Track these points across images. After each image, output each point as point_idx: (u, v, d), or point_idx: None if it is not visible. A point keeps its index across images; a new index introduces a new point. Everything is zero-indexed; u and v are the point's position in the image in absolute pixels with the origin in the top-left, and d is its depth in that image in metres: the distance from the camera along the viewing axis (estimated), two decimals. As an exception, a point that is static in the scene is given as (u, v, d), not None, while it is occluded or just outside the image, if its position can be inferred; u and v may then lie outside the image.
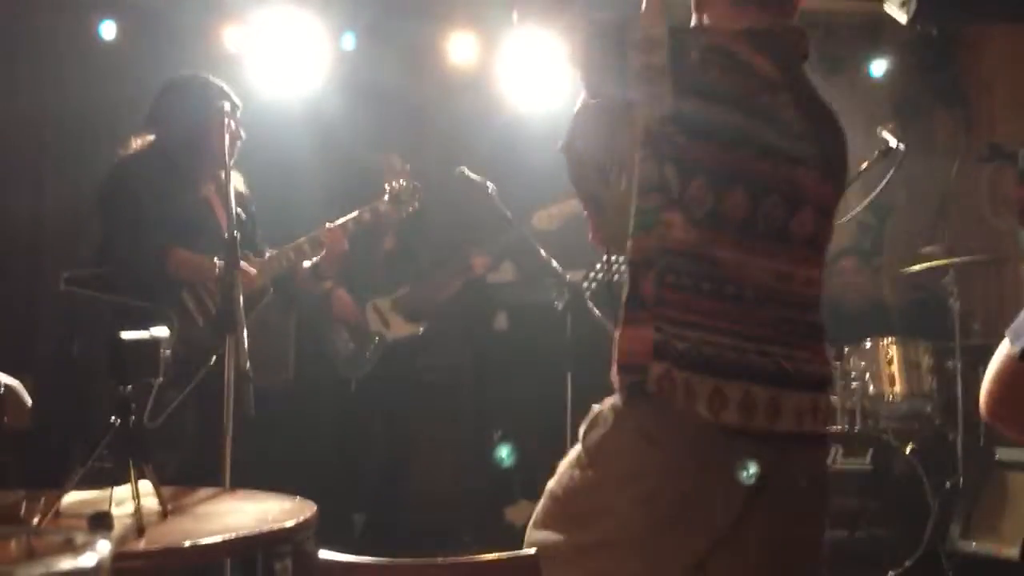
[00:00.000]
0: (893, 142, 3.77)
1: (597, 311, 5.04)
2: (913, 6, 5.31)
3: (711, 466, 2.35)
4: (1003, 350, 1.96)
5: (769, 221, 2.33)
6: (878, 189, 3.81)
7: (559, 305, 4.79)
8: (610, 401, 2.48)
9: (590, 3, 2.46)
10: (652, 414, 2.39)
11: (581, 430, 2.52)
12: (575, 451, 2.52)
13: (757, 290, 2.35)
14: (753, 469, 2.44)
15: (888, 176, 3.76)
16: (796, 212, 2.36)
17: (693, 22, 2.54)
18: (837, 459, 5.16)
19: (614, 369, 2.45)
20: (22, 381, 3.56)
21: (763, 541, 2.40)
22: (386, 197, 4.84)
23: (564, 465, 2.53)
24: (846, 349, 5.41)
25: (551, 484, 2.54)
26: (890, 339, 5.42)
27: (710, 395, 2.32)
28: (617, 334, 2.45)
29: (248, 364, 3.35)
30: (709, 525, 2.37)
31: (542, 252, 4.90)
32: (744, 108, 2.34)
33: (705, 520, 2.38)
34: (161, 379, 2.63)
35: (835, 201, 2.49)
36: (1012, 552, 4.84)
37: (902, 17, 5.45)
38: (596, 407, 2.52)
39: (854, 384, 5.31)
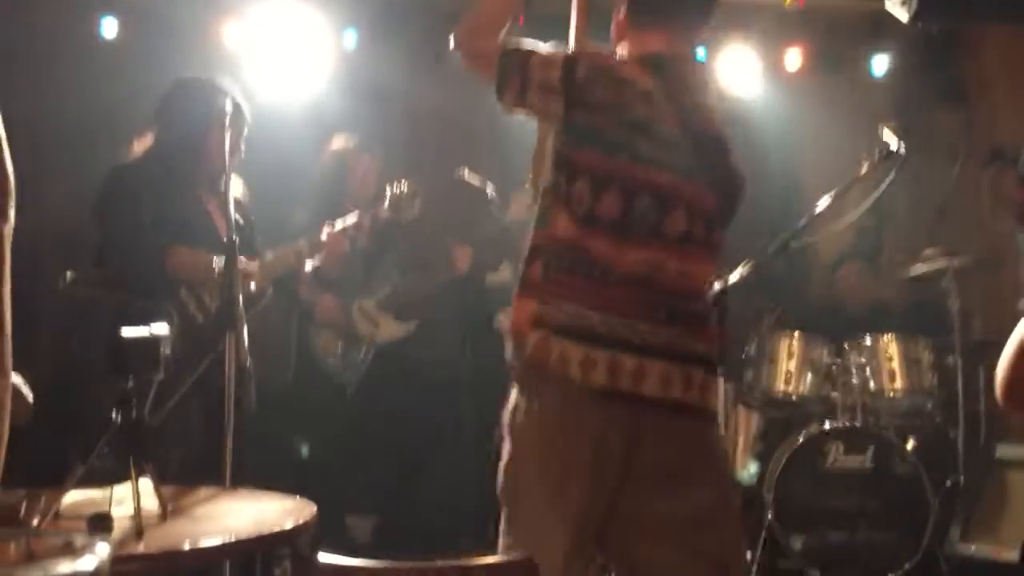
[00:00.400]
0: (894, 144, 3.76)
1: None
2: (914, 5, 5.31)
3: (585, 426, 2.66)
4: (1019, 331, 1.97)
5: (641, 219, 2.69)
6: (878, 192, 3.80)
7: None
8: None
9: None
10: (535, 380, 2.73)
11: None
12: None
13: (628, 276, 2.70)
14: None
15: (888, 179, 3.75)
16: (668, 213, 2.72)
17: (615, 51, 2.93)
18: (838, 456, 5.16)
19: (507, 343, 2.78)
20: (23, 378, 3.56)
21: (646, 502, 2.70)
22: (386, 204, 4.79)
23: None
24: (845, 345, 5.40)
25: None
26: (890, 336, 5.41)
27: (581, 360, 2.65)
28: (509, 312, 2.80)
29: (249, 360, 3.35)
30: (593, 484, 2.67)
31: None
32: (622, 121, 2.70)
33: (590, 479, 2.67)
34: (161, 376, 2.63)
35: (720, 211, 2.83)
36: (1011, 555, 4.84)
37: (903, 16, 5.45)
38: None
39: (854, 380, 5.30)
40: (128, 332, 2.59)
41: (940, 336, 5.44)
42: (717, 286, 3.51)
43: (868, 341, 5.40)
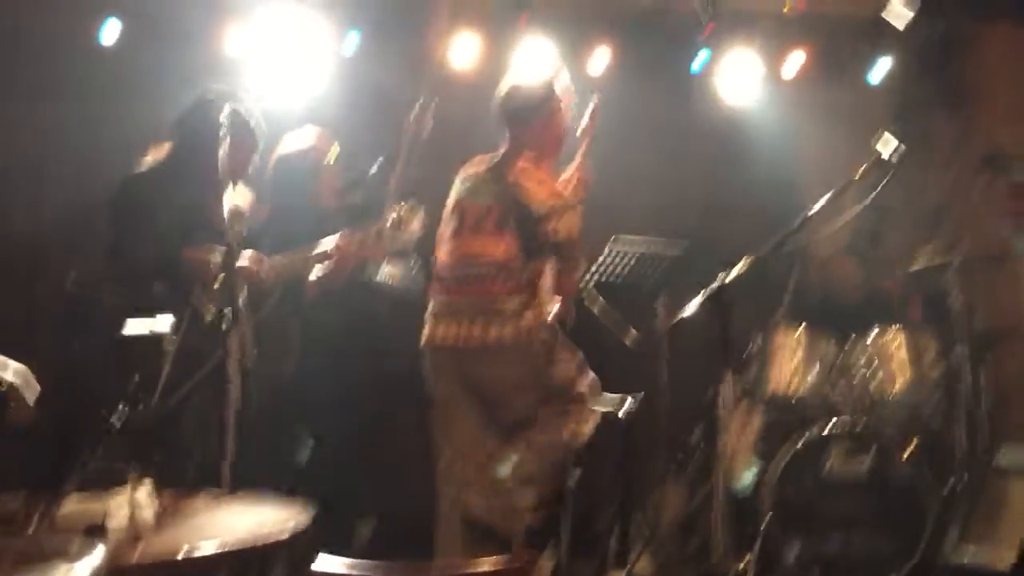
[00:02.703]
0: (887, 153, 3.77)
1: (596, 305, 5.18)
2: (914, 8, 5.33)
3: (438, 367, 4.58)
4: None
5: (457, 224, 4.56)
6: (872, 196, 3.82)
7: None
8: None
9: None
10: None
11: None
12: None
13: (444, 267, 4.54)
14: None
15: (884, 182, 3.76)
16: (464, 219, 4.54)
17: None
18: (837, 461, 5.15)
19: None
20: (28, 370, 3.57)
21: (472, 410, 4.54)
22: (388, 223, 4.75)
23: None
24: (852, 337, 5.39)
25: None
26: (893, 331, 5.40)
27: (432, 329, 4.54)
28: None
29: (249, 363, 3.37)
30: (456, 399, 4.55)
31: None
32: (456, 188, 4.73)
33: (454, 397, 4.56)
34: (163, 379, 2.65)
35: (505, 215, 4.45)
36: (1006, 562, 4.84)
37: (903, 20, 5.48)
38: None
39: (856, 380, 5.31)
40: (129, 332, 2.61)
41: (941, 337, 5.44)
42: (716, 284, 3.64)
43: (872, 337, 5.38)
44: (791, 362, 5.39)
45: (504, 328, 4.42)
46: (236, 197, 4.14)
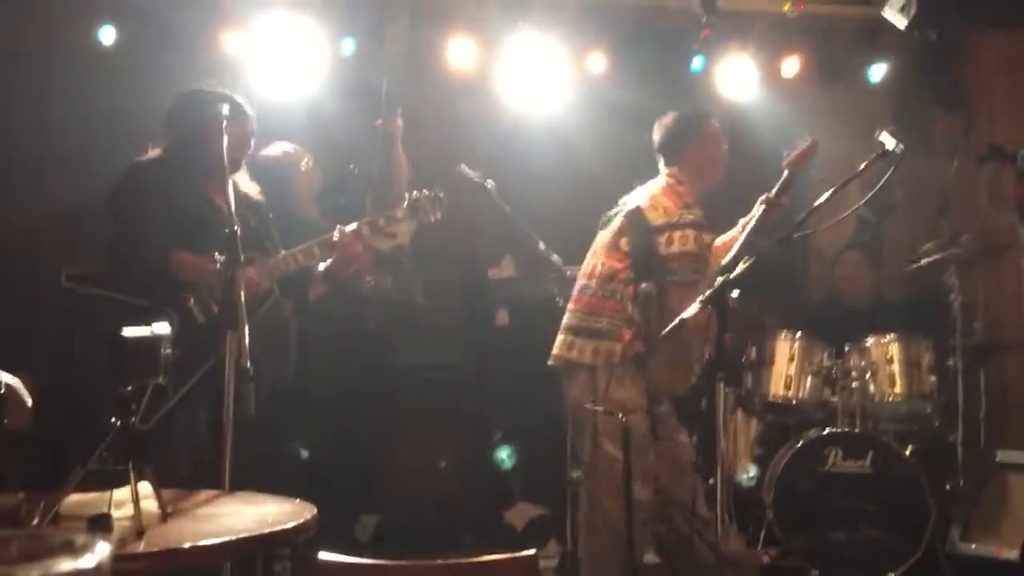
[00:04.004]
0: (891, 144, 3.77)
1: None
2: (912, 11, 5.33)
3: None
4: None
5: (596, 245, 4.57)
6: (875, 189, 3.81)
7: (560, 300, 4.81)
8: None
9: None
10: None
11: None
12: None
13: (576, 280, 4.59)
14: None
15: (886, 177, 3.76)
16: (600, 238, 4.55)
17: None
18: (837, 460, 5.16)
19: None
20: (22, 381, 3.57)
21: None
22: (405, 204, 4.68)
23: None
24: (846, 348, 5.39)
25: None
26: (890, 337, 5.40)
27: None
28: None
29: (248, 363, 3.34)
30: None
31: (542, 246, 4.93)
32: None
33: None
34: (162, 379, 2.62)
35: (624, 231, 4.46)
36: (1012, 554, 4.84)
37: (901, 22, 5.47)
38: None
39: (854, 384, 5.31)
40: (129, 332, 2.58)
41: (941, 336, 5.44)
42: (717, 282, 3.63)
43: (868, 343, 5.39)
44: (786, 372, 5.39)
45: (584, 346, 4.38)
46: (242, 184, 4.16)
